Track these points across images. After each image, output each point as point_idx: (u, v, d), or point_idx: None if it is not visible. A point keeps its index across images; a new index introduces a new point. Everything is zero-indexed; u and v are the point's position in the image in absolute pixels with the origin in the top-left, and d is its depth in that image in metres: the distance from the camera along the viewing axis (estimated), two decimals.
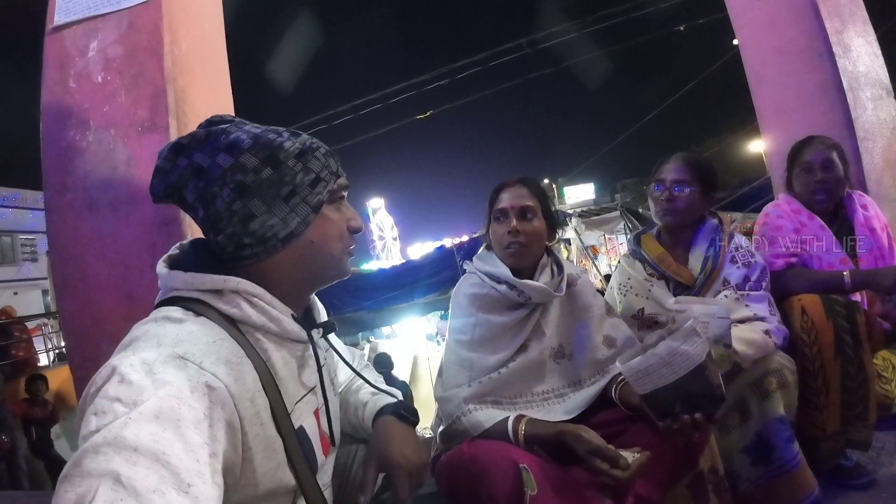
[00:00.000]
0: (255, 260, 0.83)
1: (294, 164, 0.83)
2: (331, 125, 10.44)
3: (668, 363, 1.04)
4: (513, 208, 1.38)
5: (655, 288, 1.61)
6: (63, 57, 1.93)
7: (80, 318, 1.86)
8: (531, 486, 1.02)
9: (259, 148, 0.82)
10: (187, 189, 0.82)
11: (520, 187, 1.41)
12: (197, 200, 0.82)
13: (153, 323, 0.75)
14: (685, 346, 1.04)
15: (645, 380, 1.07)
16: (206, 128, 0.84)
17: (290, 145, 0.84)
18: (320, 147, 0.88)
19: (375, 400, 1.08)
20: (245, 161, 0.80)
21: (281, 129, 0.87)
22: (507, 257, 1.38)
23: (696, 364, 1.04)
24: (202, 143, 0.82)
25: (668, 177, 1.61)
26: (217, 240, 0.82)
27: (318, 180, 0.85)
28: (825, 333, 1.47)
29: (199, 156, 0.81)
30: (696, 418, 1.06)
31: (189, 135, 0.83)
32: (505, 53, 9.95)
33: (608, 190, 31.76)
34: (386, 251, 27.82)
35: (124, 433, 0.59)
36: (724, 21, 2.70)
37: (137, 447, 0.59)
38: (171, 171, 0.82)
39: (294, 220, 0.83)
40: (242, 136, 0.82)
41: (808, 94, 2.27)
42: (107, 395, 0.64)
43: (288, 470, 0.79)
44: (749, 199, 5.40)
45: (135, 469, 0.58)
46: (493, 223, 1.42)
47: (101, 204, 1.85)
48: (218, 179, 0.80)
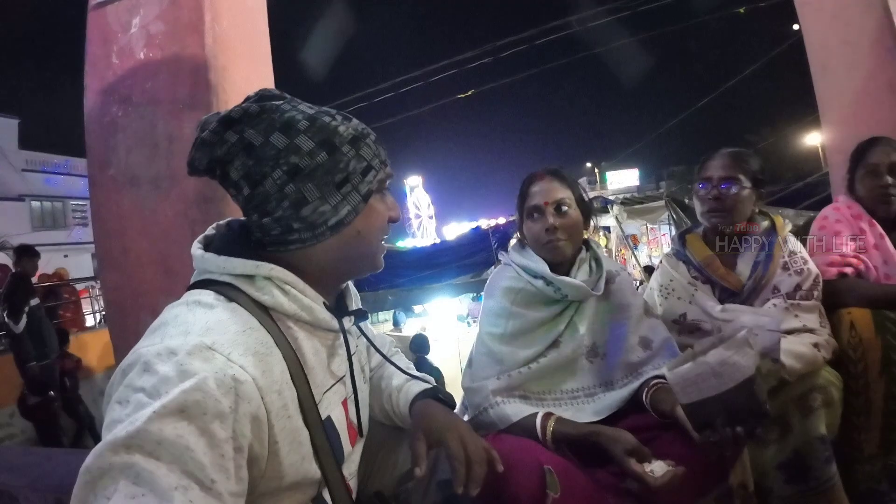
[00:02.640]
0: (301, 245, 0.81)
1: (348, 150, 0.81)
2: (371, 102, 10.44)
3: (717, 373, 0.99)
4: (547, 204, 1.33)
5: (699, 293, 1.53)
6: (106, 33, 1.96)
7: (120, 291, 1.92)
8: (554, 489, 1.01)
9: (315, 130, 0.79)
10: (233, 165, 0.79)
11: (550, 179, 1.37)
12: (243, 178, 0.79)
13: (184, 306, 0.74)
14: (737, 356, 0.99)
15: (691, 389, 1.02)
16: (259, 102, 0.81)
17: (345, 130, 0.82)
18: (370, 134, 0.86)
19: (409, 386, 1.07)
20: (301, 143, 0.78)
21: (333, 112, 0.85)
22: (546, 253, 1.34)
23: (746, 377, 0.99)
24: (255, 118, 0.79)
25: (715, 174, 1.52)
26: (262, 222, 0.80)
27: (369, 168, 0.83)
28: (873, 351, 1.39)
29: (250, 132, 0.78)
30: (736, 432, 1.01)
31: (240, 108, 0.80)
32: (551, 32, 9.69)
33: (654, 177, 30.98)
34: (422, 229, 27.93)
35: (147, 427, 0.59)
36: (787, 5, 2.56)
37: (161, 441, 0.59)
38: (218, 144, 0.79)
39: (345, 209, 0.81)
40: (298, 117, 0.80)
41: (874, 91, 2.12)
42: (132, 385, 0.64)
43: (314, 462, 0.78)
44: (803, 195, 5.13)
45: (157, 464, 0.58)
46: (526, 220, 1.38)
47: (143, 180, 1.88)
48: (270, 159, 0.77)
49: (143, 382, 0.63)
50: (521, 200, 1.40)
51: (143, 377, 0.63)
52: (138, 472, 0.57)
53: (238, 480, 0.65)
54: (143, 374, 0.64)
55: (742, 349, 1.00)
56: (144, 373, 0.64)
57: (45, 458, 2.02)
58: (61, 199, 20.19)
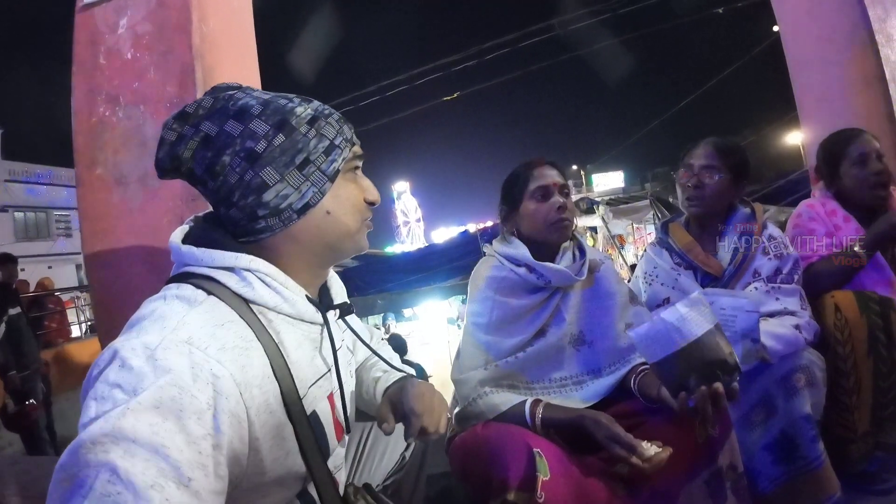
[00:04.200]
0: (270, 233, 0.79)
1: (307, 130, 0.79)
2: (357, 106, 10.45)
3: (676, 329, 1.02)
4: (556, 185, 1.35)
5: (682, 278, 1.56)
6: (93, 34, 1.96)
7: (109, 291, 1.91)
8: (544, 472, 1.01)
9: (270, 113, 0.78)
10: (195, 160, 0.78)
11: (550, 167, 1.39)
12: (206, 172, 0.78)
13: (161, 301, 0.73)
14: (693, 312, 1.02)
15: (655, 346, 1.04)
16: (212, 94, 0.81)
17: (302, 111, 0.80)
18: (333, 113, 0.84)
19: (388, 376, 1.06)
20: (255, 127, 0.76)
21: (292, 96, 0.83)
22: (554, 232, 1.35)
23: (706, 329, 1.02)
24: (209, 110, 0.78)
25: (697, 162, 1.55)
26: (229, 213, 0.79)
27: (332, 147, 0.81)
28: (859, 331, 1.42)
29: (206, 124, 0.77)
30: (712, 388, 1.01)
31: (194, 102, 0.80)
32: (535, 34, 9.77)
33: (638, 178, 31.26)
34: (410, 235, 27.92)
35: (123, 423, 0.58)
36: (766, 6, 2.60)
37: (136, 439, 0.57)
38: (177, 141, 0.78)
39: (309, 190, 0.79)
40: (252, 102, 0.78)
41: (850, 84, 2.17)
42: (107, 381, 0.62)
43: (298, 457, 0.77)
44: (785, 192, 5.19)
45: (133, 461, 0.57)
46: (528, 202, 1.37)
47: (131, 179, 1.88)
48: (228, 148, 0.76)
49: (118, 378, 0.62)
50: (520, 185, 1.39)
51: (119, 373, 0.62)
52: (114, 469, 0.56)
53: (217, 478, 0.63)
54: (119, 369, 0.62)
55: (697, 306, 1.04)
56: (120, 368, 0.62)
57: (35, 467, 2.00)
58: (45, 209, 19.95)
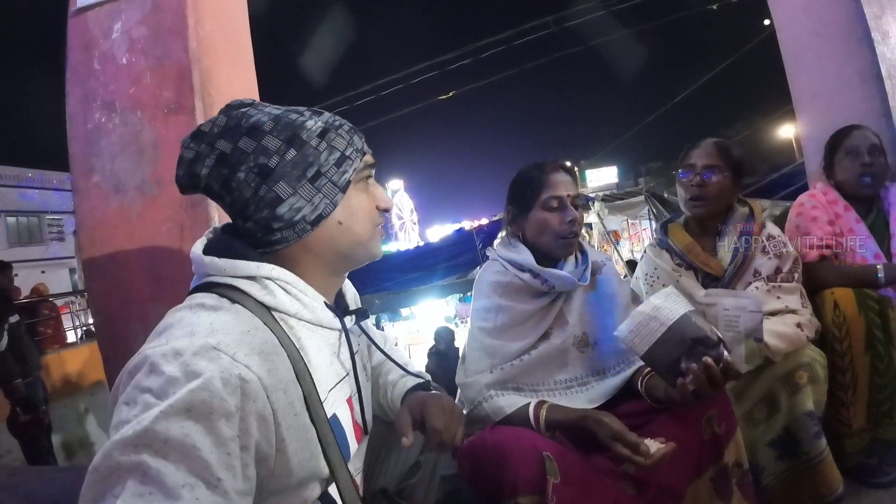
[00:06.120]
0: (286, 244, 0.82)
1: (317, 143, 0.82)
2: (353, 106, 10.43)
3: (653, 317, 1.09)
4: (570, 196, 1.33)
5: (683, 279, 1.57)
6: (87, 39, 1.93)
7: (108, 299, 1.88)
8: (554, 474, 1.02)
9: (280, 129, 0.80)
10: (212, 177, 0.81)
11: (565, 173, 1.35)
12: (222, 188, 0.81)
13: (187, 310, 0.75)
14: (666, 301, 1.10)
15: (639, 339, 1.10)
16: (226, 112, 0.84)
17: (313, 124, 0.82)
18: (344, 124, 0.87)
19: (404, 381, 1.08)
20: (267, 143, 0.79)
21: (302, 109, 0.86)
22: (562, 248, 1.34)
23: (682, 312, 1.08)
24: (223, 128, 0.81)
25: (699, 162, 1.56)
26: (246, 226, 0.82)
27: (343, 159, 0.83)
28: (857, 328, 1.44)
29: (221, 142, 0.80)
30: (703, 362, 1.04)
31: (209, 121, 0.83)
32: (530, 32, 9.78)
33: (632, 174, 31.30)
34: (405, 233, 27.91)
35: (154, 426, 0.60)
36: (758, 1, 2.60)
37: (167, 440, 0.60)
38: (195, 160, 0.82)
39: (322, 202, 0.82)
40: (263, 119, 0.81)
41: (845, 80, 2.17)
42: (138, 386, 0.65)
43: (322, 459, 0.79)
44: (779, 185, 5.23)
45: (164, 463, 0.59)
46: (539, 210, 1.34)
47: (129, 185, 1.85)
48: (242, 165, 0.79)
49: (149, 383, 0.64)
50: (532, 189, 1.35)
51: (150, 378, 0.64)
52: (146, 470, 0.58)
53: (245, 479, 0.65)
54: (150, 374, 0.65)
55: (669, 296, 1.13)
56: (151, 373, 0.65)
57: (35, 476, 1.99)
58: (37, 213, 19.78)
